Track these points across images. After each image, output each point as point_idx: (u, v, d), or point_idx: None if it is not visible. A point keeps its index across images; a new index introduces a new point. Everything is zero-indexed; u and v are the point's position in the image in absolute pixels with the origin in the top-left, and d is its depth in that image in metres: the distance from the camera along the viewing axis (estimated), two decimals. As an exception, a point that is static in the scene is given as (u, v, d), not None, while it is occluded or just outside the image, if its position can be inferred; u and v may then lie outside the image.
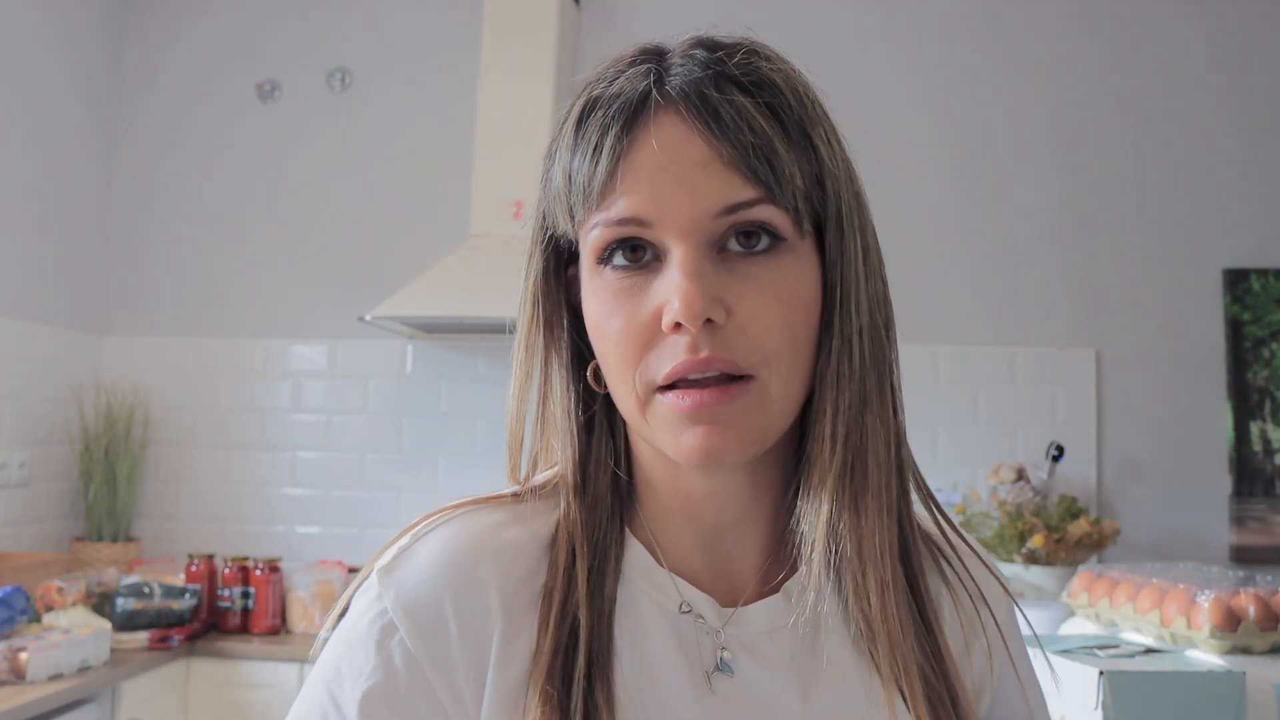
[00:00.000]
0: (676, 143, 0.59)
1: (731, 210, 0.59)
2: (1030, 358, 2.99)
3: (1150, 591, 1.40)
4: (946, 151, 3.03)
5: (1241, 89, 3.01)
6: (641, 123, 0.60)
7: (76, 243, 3.16)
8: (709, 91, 0.60)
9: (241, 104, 3.28)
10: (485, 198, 2.95)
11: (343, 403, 3.17)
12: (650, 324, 0.60)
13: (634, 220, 0.60)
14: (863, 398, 0.63)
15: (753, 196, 0.59)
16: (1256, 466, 2.90)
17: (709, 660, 0.64)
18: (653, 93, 0.61)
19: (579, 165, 0.61)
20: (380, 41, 3.25)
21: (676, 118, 0.60)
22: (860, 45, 3.06)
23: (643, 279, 0.61)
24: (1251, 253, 2.96)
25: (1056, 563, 2.50)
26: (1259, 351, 2.92)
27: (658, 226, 0.59)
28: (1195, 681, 1.09)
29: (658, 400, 0.61)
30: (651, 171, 0.59)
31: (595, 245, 0.62)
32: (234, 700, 2.62)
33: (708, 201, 0.59)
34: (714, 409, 0.59)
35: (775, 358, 0.60)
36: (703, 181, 0.59)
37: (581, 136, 0.62)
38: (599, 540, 0.65)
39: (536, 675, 0.61)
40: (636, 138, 0.60)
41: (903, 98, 3.03)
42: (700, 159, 0.59)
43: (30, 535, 2.92)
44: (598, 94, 0.63)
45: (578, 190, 0.61)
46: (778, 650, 0.66)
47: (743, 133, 0.59)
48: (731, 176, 0.59)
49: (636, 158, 0.60)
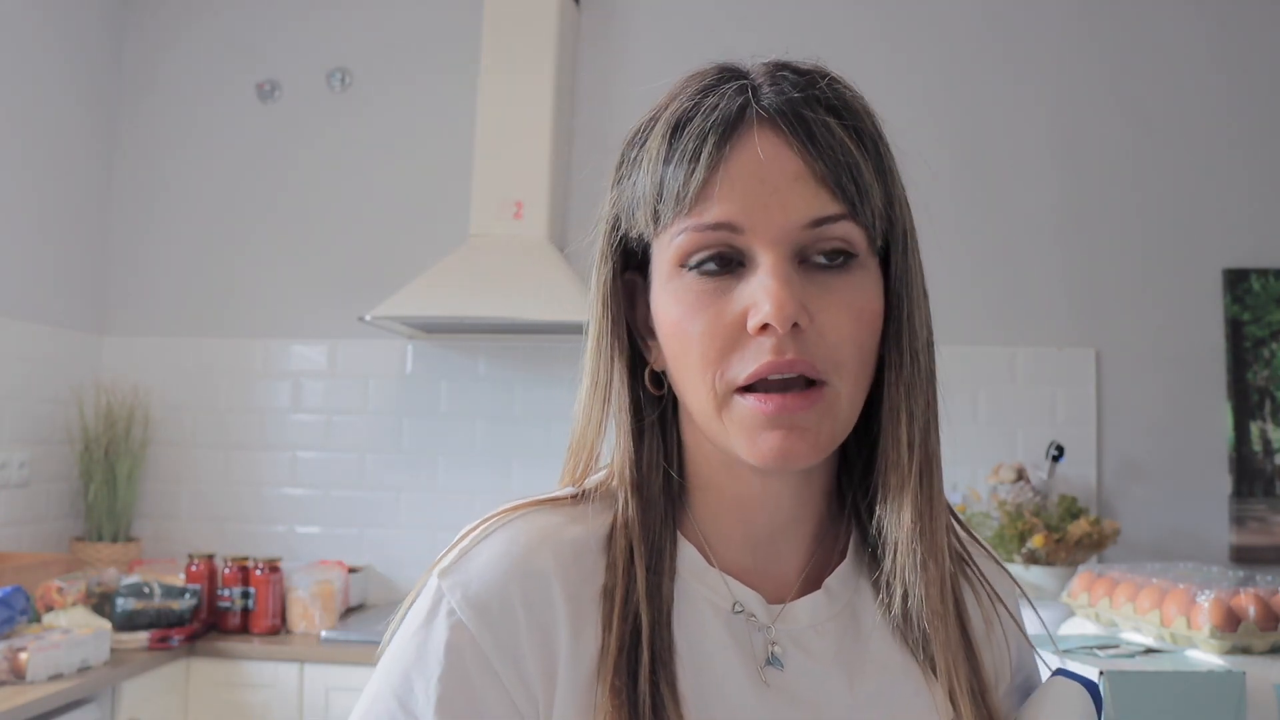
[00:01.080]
0: (772, 156, 0.62)
1: (819, 223, 0.62)
2: (1030, 358, 2.99)
3: (1150, 591, 1.40)
4: (947, 152, 3.03)
5: (1241, 89, 3.01)
6: (738, 134, 0.63)
7: (76, 243, 3.16)
8: (804, 111, 0.63)
9: (241, 104, 3.28)
10: (485, 198, 2.95)
11: (343, 403, 3.17)
12: (735, 325, 0.63)
13: (727, 225, 0.62)
14: (928, 406, 0.68)
15: (838, 212, 0.63)
16: (1256, 466, 2.90)
17: (760, 655, 0.67)
18: (751, 107, 0.64)
19: (673, 172, 0.64)
20: (380, 41, 3.25)
21: (773, 132, 0.63)
22: (860, 45, 3.06)
23: (726, 283, 0.63)
24: (1251, 253, 2.96)
25: (1056, 563, 2.50)
26: (1259, 351, 2.92)
27: (749, 233, 0.62)
28: (1195, 681, 1.09)
29: (737, 402, 0.63)
30: (747, 180, 0.62)
31: (681, 248, 0.64)
32: (234, 700, 2.62)
33: (798, 213, 0.62)
34: (794, 413, 0.62)
35: (845, 366, 0.64)
36: (795, 194, 0.62)
37: (677, 144, 0.64)
38: (654, 541, 0.68)
39: (604, 673, 0.63)
40: (733, 148, 0.63)
41: (903, 98, 3.03)
42: (794, 172, 0.62)
43: (30, 535, 2.92)
44: (691, 105, 0.65)
45: (669, 195, 0.64)
46: (823, 643, 0.69)
47: (835, 151, 0.63)
48: (821, 192, 0.62)
49: (733, 167, 0.62)
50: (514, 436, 3.09)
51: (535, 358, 3.09)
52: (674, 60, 0.72)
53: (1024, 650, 0.78)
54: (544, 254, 2.87)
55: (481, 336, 3.11)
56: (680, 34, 3.09)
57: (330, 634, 2.72)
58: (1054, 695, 0.71)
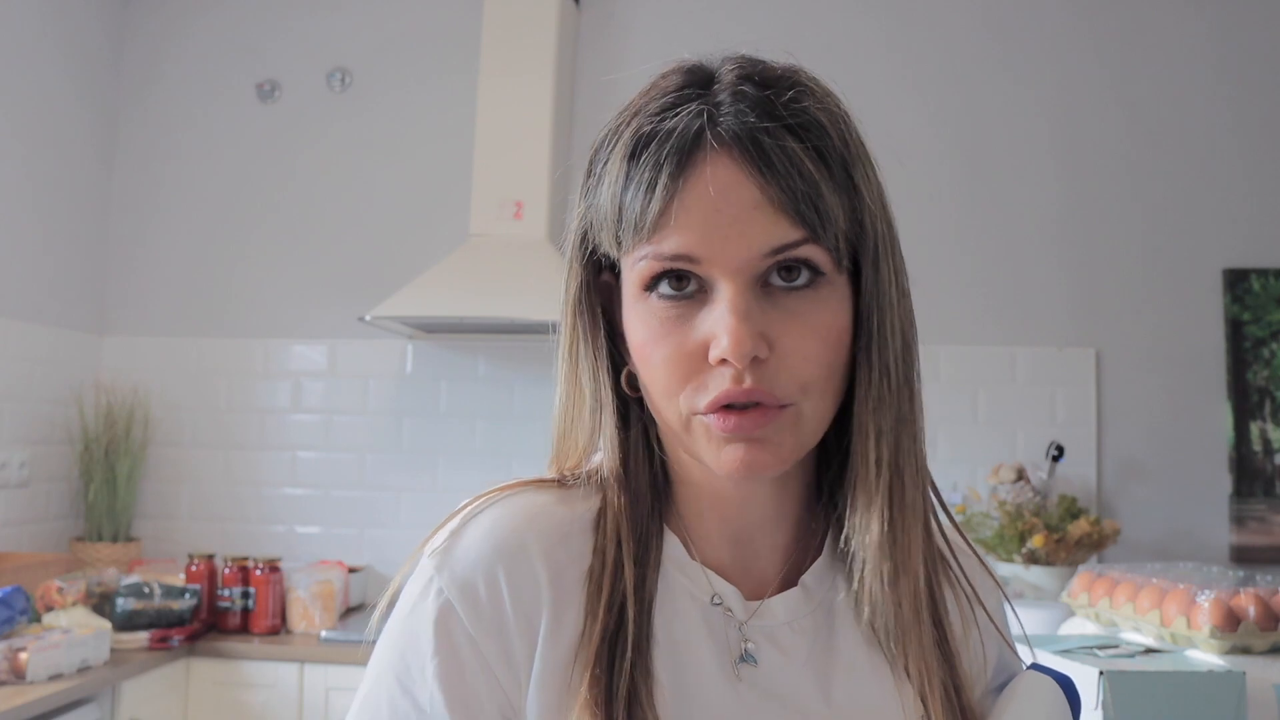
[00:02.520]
0: (729, 185, 0.62)
1: (778, 250, 0.62)
2: (1030, 358, 2.99)
3: (1150, 591, 1.40)
4: (947, 152, 3.03)
5: (1241, 89, 3.01)
6: (695, 162, 0.62)
7: (76, 243, 3.16)
8: (761, 137, 0.62)
9: (241, 104, 3.28)
10: (485, 198, 2.95)
11: (343, 403, 3.17)
12: (696, 354, 0.63)
13: (685, 257, 0.62)
14: (898, 417, 0.67)
15: (799, 237, 0.62)
16: (1256, 466, 2.90)
17: (735, 650, 0.68)
18: (706, 133, 0.63)
19: (631, 198, 0.64)
20: (380, 41, 3.25)
21: (729, 160, 0.62)
22: (860, 46, 3.06)
23: (688, 309, 0.64)
24: (1251, 253, 2.96)
25: (1056, 563, 2.50)
26: (1259, 351, 2.92)
27: (707, 263, 0.62)
28: (1195, 681, 1.09)
29: (698, 421, 0.64)
30: (704, 211, 0.62)
31: (643, 274, 0.64)
32: (234, 700, 2.62)
33: (757, 243, 0.62)
34: (751, 430, 0.63)
35: (811, 386, 0.64)
36: (753, 223, 0.61)
37: (634, 170, 0.64)
38: (641, 531, 0.69)
39: (584, 658, 0.64)
40: (690, 177, 0.62)
41: (903, 98, 3.03)
42: (751, 201, 0.62)
43: (30, 535, 2.92)
44: (650, 129, 0.64)
45: (629, 222, 0.64)
46: (798, 640, 0.70)
47: (793, 179, 0.62)
48: (780, 219, 0.62)
49: (689, 196, 0.62)
50: (513, 436, 3.09)
51: (535, 358, 3.09)
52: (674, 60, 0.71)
53: (1004, 652, 0.78)
54: (544, 254, 2.87)
55: (481, 336, 3.11)
56: (680, 34, 3.09)
57: (330, 634, 2.72)
58: (1025, 689, 0.72)
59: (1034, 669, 0.74)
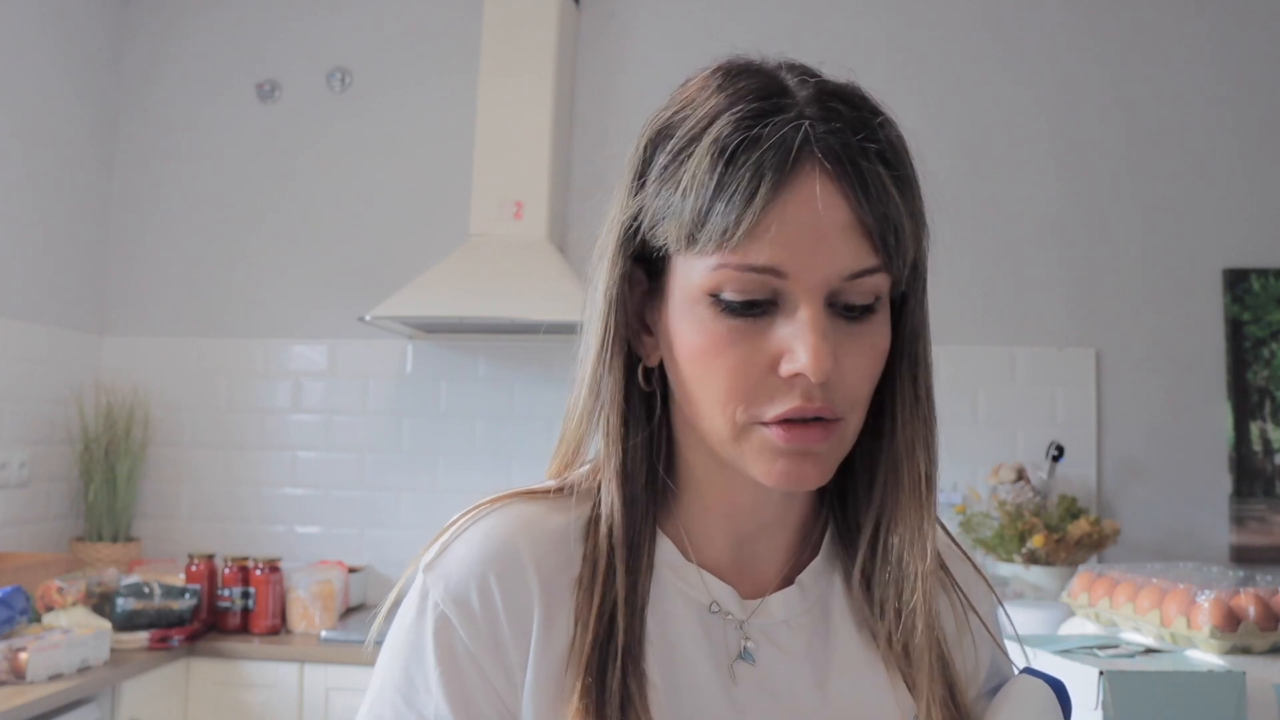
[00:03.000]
0: (827, 205, 0.62)
1: (857, 275, 0.63)
2: (1030, 358, 2.99)
3: (1150, 591, 1.40)
4: (947, 152, 3.03)
5: (1241, 89, 3.01)
6: (794, 176, 0.62)
7: (76, 243, 3.16)
8: (860, 160, 0.63)
9: (241, 104, 3.28)
10: (485, 198, 2.95)
11: (343, 403, 3.17)
12: (766, 366, 0.64)
13: (774, 270, 0.62)
14: (929, 427, 0.71)
15: (875, 264, 0.63)
16: (1256, 466, 2.90)
17: (733, 650, 0.69)
18: (809, 149, 0.62)
19: (724, 206, 0.62)
20: (380, 41, 3.25)
21: (829, 179, 0.62)
22: (860, 46, 3.06)
23: (759, 324, 0.64)
24: (1251, 253, 2.96)
25: (1056, 563, 2.50)
26: (1259, 351, 2.92)
27: (792, 279, 0.62)
28: (1195, 681, 1.09)
29: (757, 431, 0.65)
30: (799, 227, 0.61)
31: (718, 282, 0.63)
32: (234, 700, 2.62)
33: (843, 264, 0.62)
34: (813, 444, 0.64)
35: (858, 403, 0.66)
36: (842, 245, 0.62)
37: (729, 175, 0.62)
38: (633, 535, 0.69)
39: (575, 665, 0.65)
40: (788, 190, 0.61)
41: (903, 98, 3.01)
42: (845, 223, 0.62)
43: (30, 535, 2.92)
44: (743, 135, 0.62)
45: (715, 227, 0.62)
46: (795, 638, 0.71)
47: (885, 206, 0.63)
48: (864, 243, 0.63)
49: (787, 210, 0.61)
50: (513, 436, 3.09)
51: (535, 358, 3.09)
52: (674, 60, 0.72)
53: (996, 655, 0.79)
54: (544, 254, 2.87)
55: (481, 336, 3.11)
56: (680, 34, 3.09)
57: (330, 634, 2.72)
58: (1017, 693, 0.72)
59: (1026, 673, 0.74)
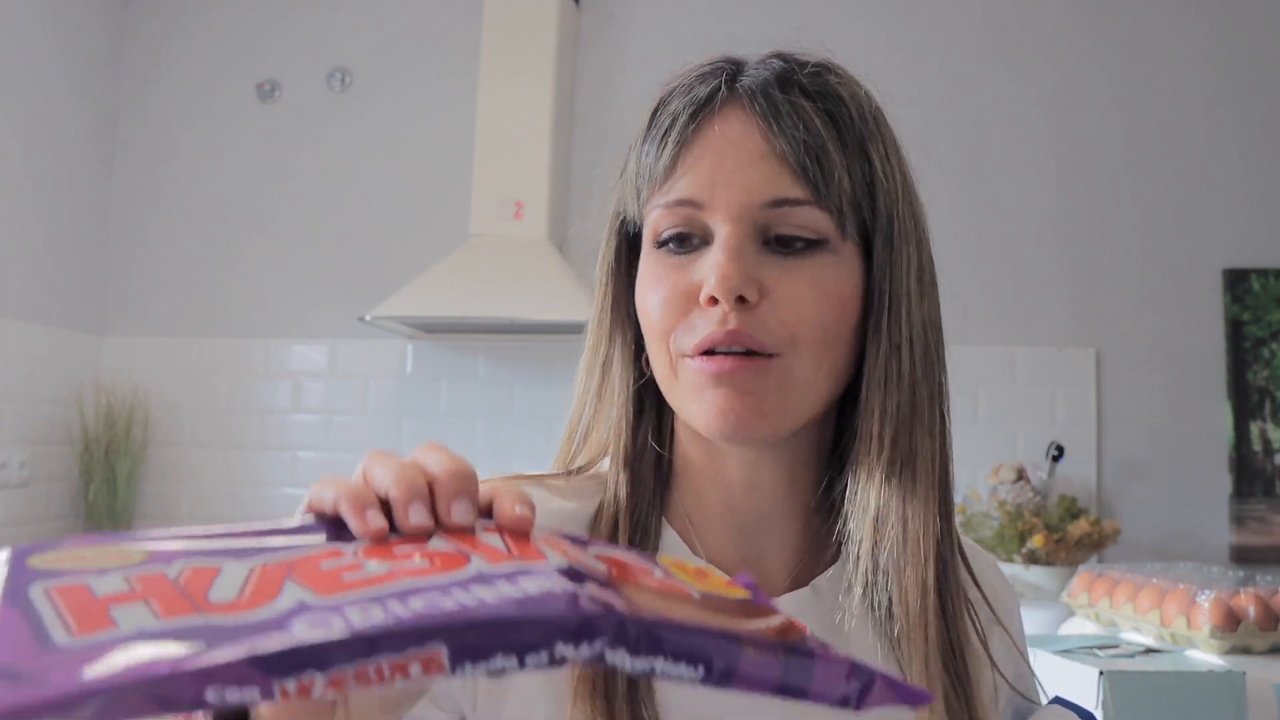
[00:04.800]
0: (737, 135, 0.64)
1: (778, 204, 0.63)
2: (1030, 358, 2.99)
3: (1150, 591, 1.40)
4: (947, 152, 3.03)
5: (1241, 89, 3.01)
6: (708, 114, 0.65)
7: (76, 243, 3.16)
8: (774, 92, 0.65)
9: (241, 104, 3.28)
10: (485, 198, 2.95)
11: (343, 403, 3.17)
12: (688, 295, 0.64)
13: (689, 202, 0.64)
14: (913, 406, 0.66)
15: (800, 196, 0.63)
16: (1256, 466, 2.90)
17: None
18: (722, 89, 0.66)
19: (648, 151, 0.67)
20: (380, 41, 3.25)
21: (740, 112, 0.65)
22: (860, 46, 3.05)
23: (689, 259, 0.65)
24: (1251, 253, 2.96)
25: (1056, 563, 2.50)
26: (1259, 351, 2.92)
27: (709, 208, 0.63)
28: (1195, 681, 1.09)
29: (685, 364, 0.64)
30: (710, 158, 0.64)
31: (654, 226, 0.66)
32: (234, 700, 2.62)
33: (758, 191, 0.63)
34: (734, 374, 0.62)
35: (803, 343, 0.63)
36: (756, 172, 0.63)
37: (653, 126, 0.67)
38: (640, 521, 0.68)
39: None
40: (701, 127, 0.65)
41: (903, 98, 3.02)
42: (757, 151, 0.63)
43: (30, 535, 2.92)
44: (673, 89, 0.68)
45: (644, 173, 0.67)
46: None
47: (798, 130, 0.63)
48: (783, 171, 0.63)
49: (698, 145, 0.64)
50: (513, 436, 3.09)
51: (535, 358, 3.09)
52: (674, 61, 0.72)
53: (1022, 673, 0.75)
54: (544, 254, 2.87)
55: (481, 336, 3.11)
56: (680, 34, 3.09)
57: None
58: None
59: (1057, 703, 0.71)
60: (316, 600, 0.36)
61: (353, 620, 0.34)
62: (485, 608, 0.35)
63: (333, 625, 0.34)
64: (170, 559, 0.39)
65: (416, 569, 0.38)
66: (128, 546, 0.40)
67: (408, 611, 0.35)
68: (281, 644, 0.32)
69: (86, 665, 0.31)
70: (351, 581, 0.37)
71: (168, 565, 0.38)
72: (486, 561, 0.39)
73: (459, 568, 0.38)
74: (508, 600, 0.36)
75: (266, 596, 0.36)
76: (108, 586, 0.36)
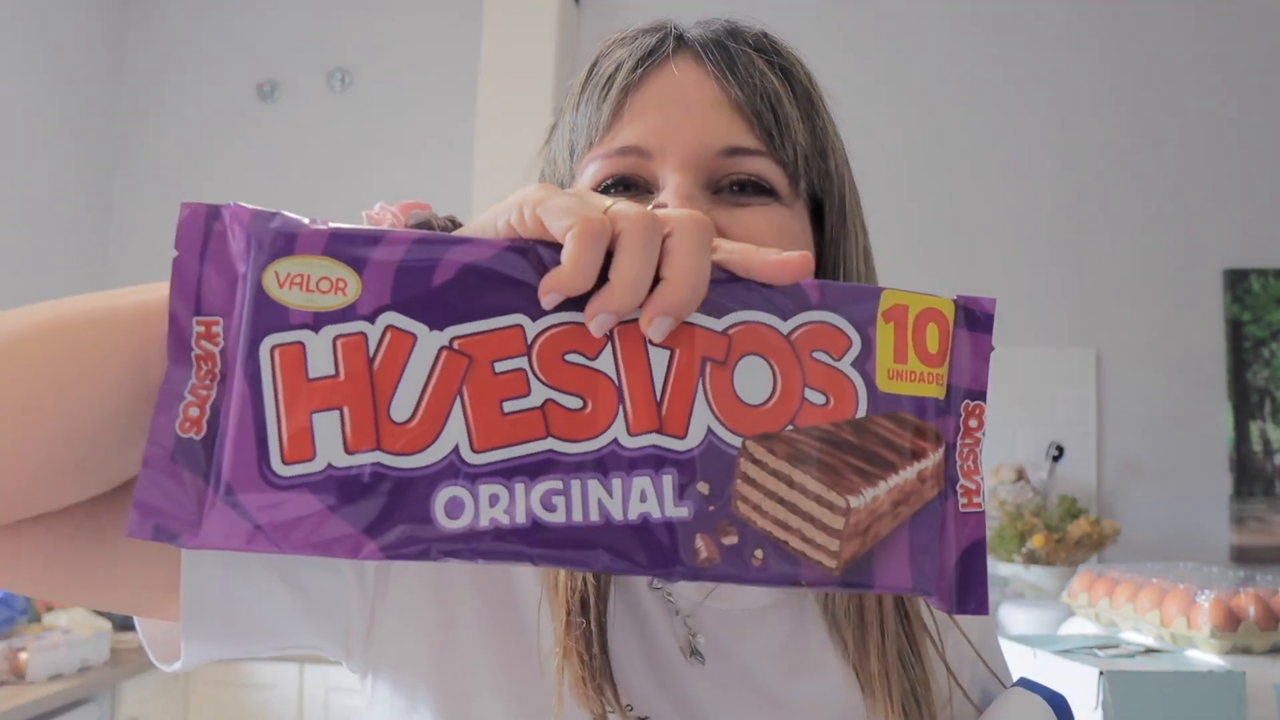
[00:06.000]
0: (689, 82, 0.60)
1: (732, 153, 0.59)
2: (1030, 358, 2.99)
3: (1150, 591, 1.40)
4: (947, 152, 3.03)
5: (1241, 89, 3.01)
6: (655, 62, 0.61)
7: (77, 243, 3.16)
8: (727, 42, 0.61)
9: (241, 104, 3.28)
10: (485, 198, 2.95)
11: (343, 403, 3.17)
12: None
13: (636, 149, 0.59)
14: None
15: (754, 145, 0.59)
16: (1256, 466, 2.90)
17: (683, 641, 0.63)
18: (670, 39, 0.62)
19: (586, 104, 0.62)
20: (380, 41, 3.25)
21: (692, 60, 0.61)
22: (860, 47, 3.06)
23: None
24: (1251, 253, 2.96)
25: (1056, 563, 2.50)
26: (1259, 351, 2.92)
27: (658, 157, 0.59)
28: (1195, 681, 1.09)
29: None
30: (660, 105, 0.59)
31: (594, 179, 0.61)
32: (234, 701, 2.62)
33: (711, 138, 0.58)
34: None
35: None
36: (709, 119, 0.59)
37: (592, 78, 0.62)
38: None
39: (560, 638, 0.59)
40: (649, 75, 0.60)
41: (903, 97, 3.03)
42: (710, 98, 0.59)
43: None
44: (614, 43, 0.63)
45: (582, 128, 0.61)
46: (761, 631, 0.64)
47: (754, 78, 0.60)
48: (737, 120, 0.59)
49: (646, 92, 0.60)
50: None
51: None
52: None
53: (978, 668, 0.72)
54: (544, 254, 2.87)
55: (481, 336, 3.11)
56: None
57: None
58: (1011, 708, 0.65)
59: (1022, 685, 0.67)
60: (466, 460, 0.38)
61: (480, 521, 0.38)
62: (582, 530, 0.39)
63: (463, 516, 0.38)
64: (377, 301, 0.39)
65: (575, 421, 0.39)
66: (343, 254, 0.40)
67: (526, 519, 0.38)
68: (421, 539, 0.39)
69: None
70: (507, 421, 0.39)
71: (372, 324, 0.39)
72: (626, 435, 0.40)
73: (600, 433, 0.39)
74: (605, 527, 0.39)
75: (430, 434, 0.38)
76: (319, 364, 0.39)
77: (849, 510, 0.41)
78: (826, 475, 0.41)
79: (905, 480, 0.42)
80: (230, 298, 0.40)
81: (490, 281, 0.39)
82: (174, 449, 0.39)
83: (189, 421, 0.39)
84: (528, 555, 0.38)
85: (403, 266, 0.39)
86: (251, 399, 0.38)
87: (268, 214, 0.40)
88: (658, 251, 0.39)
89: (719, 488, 0.40)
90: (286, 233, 0.39)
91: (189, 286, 0.40)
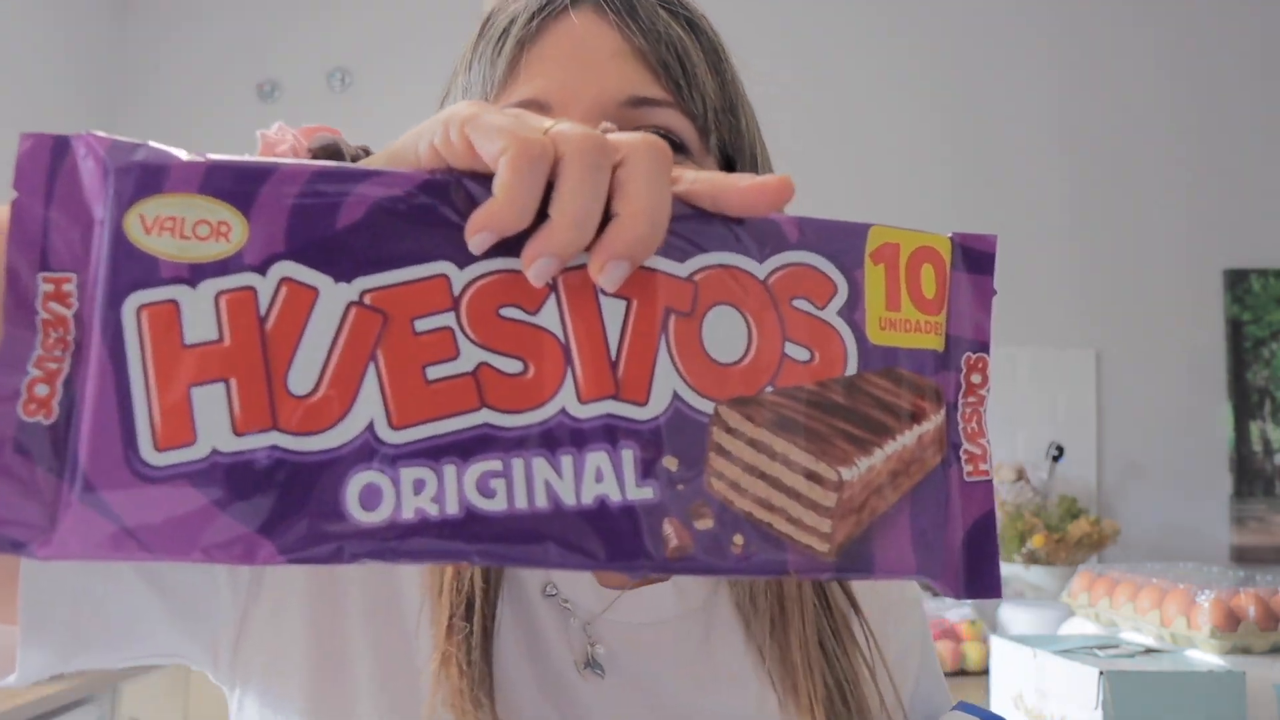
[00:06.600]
0: (589, 33, 0.55)
1: (638, 104, 0.54)
2: (1030, 358, 2.99)
3: (1150, 591, 1.40)
4: (947, 150, 3.03)
5: (1241, 89, 3.01)
6: (554, 14, 0.56)
7: (76, 243, 3.17)
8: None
9: (241, 104, 3.28)
10: (485, 198, 2.95)
11: (343, 403, 3.17)
12: None
13: (534, 103, 0.54)
14: None
15: (660, 96, 0.55)
16: (1256, 466, 2.90)
17: (580, 652, 0.58)
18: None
19: (479, 61, 0.57)
20: (380, 41, 3.25)
21: (592, 10, 0.56)
22: (861, 44, 3.06)
23: None
24: (1251, 253, 2.96)
25: (1056, 563, 2.50)
26: (1259, 351, 2.92)
27: (558, 111, 0.54)
28: (1195, 681, 1.09)
29: None
30: (558, 57, 0.55)
31: None
32: (234, 700, 2.62)
33: (614, 89, 0.54)
34: None
35: None
36: (611, 69, 0.54)
37: (484, 35, 0.58)
38: None
39: (440, 643, 0.55)
40: (546, 26, 0.56)
41: (904, 95, 3.03)
42: (612, 49, 0.55)
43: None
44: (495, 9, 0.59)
45: (476, 86, 0.57)
46: (664, 642, 0.60)
47: (658, 27, 0.56)
48: (642, 70, 0.55)
49: (544, 44, 0.55)
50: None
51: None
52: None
53: (923, 682, 0.68)
54: (544, 254, 2.87)
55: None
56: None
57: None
58: None
59: (960, 709, 0.64)
60: (383, 440, 0.32)
61: (403, 513, 0.32)
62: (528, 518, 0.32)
63: (382, 506, 0.31)
64: (269, 249, 0.33)
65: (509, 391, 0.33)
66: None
67: (459, 510, 0.32)
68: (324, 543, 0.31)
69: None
70: (431, 391, 0.32)
71: (263, 276, 0.32)
72: (576, 405, 0.33)
73: (542, 404, 0.33)
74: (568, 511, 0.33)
75: (340, 406, 0.32)
76: (197, 327, 0.32)
77: (841, 484, 0.35)
78: (814, 444, 0.35)
79: (904, 447, 0.36)
80: (85, 248, 0.32)
81: (407, 222, 0.33)
82: (16, 437, 0.31)
83: (35, 402, 0.31)
84: (463, 552, 0.32)
85: (299, 205, 0.33)
86: (114, 372, 0.31)
87: (130, 144, 0.34)
88: (608, 181, 0.33)
89: (689, 463, 0.34)
90: (153, 166, 0.34)
91: (32, 235, 0.32)
